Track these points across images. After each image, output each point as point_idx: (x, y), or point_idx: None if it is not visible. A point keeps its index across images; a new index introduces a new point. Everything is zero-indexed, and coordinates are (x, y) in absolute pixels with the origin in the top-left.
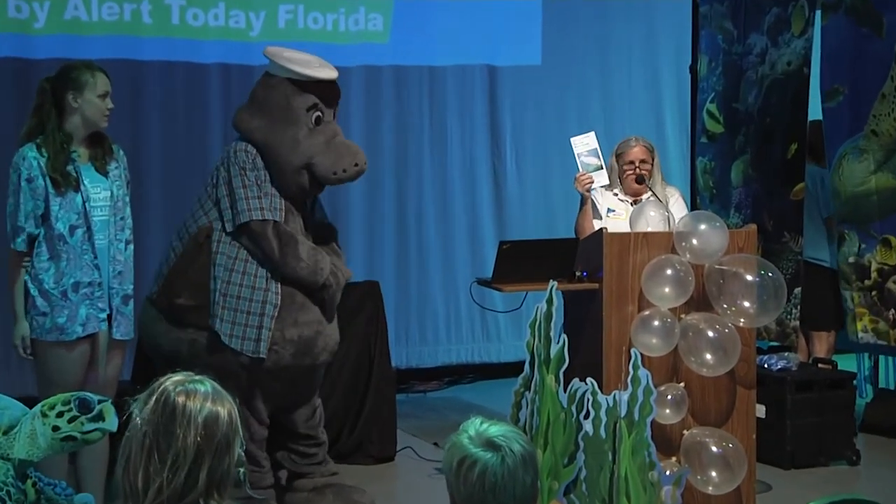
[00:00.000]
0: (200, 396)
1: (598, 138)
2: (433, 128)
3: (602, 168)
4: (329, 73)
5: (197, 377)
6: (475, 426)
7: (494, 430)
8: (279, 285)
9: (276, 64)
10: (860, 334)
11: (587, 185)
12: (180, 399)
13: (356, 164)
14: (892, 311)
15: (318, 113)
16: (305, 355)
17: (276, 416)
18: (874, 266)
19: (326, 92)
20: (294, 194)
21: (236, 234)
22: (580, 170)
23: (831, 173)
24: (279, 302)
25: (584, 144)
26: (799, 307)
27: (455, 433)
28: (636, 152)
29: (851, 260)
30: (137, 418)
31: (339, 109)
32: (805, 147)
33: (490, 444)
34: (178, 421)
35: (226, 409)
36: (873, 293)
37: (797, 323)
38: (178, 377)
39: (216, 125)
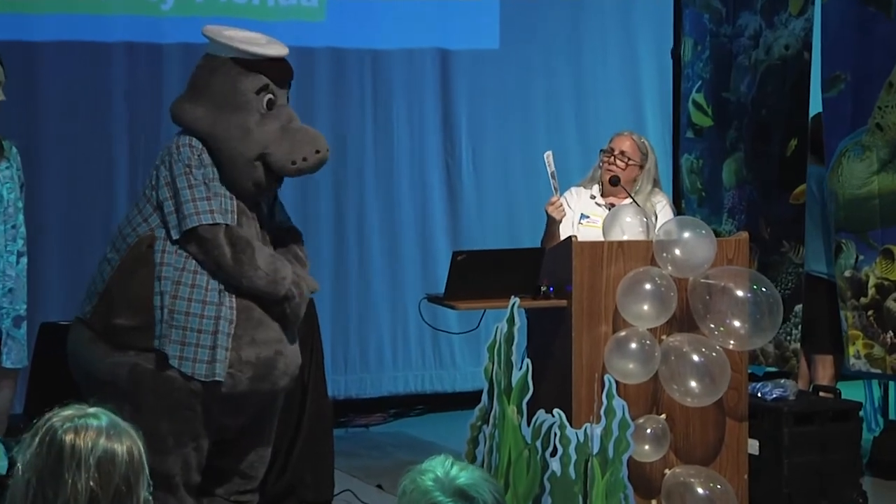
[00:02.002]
0: (93, 433)
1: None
2: (376, 121)
3: (556, 192)
4: (279, 50)
5: (91, 410)
6: (443, 467)
7: (465, 476)
8: (234, 299)
9: (217, 43)
10: (851, 360)
11: (562, 214)
12: (69, 437)
13: (317, 151)
14: (891, 333)
15: (270, 95)
16: (264, 379)
17: (220, 454)
18: (872, 281)
19: (278, 71)
20: (248, 192)
21: (183, 241)
22: (554, 192)
23: (828, 173)
24: (234, 318)
25: (552, 164)
26: (800, 327)
27: (415, 471)
28: (620, 141)
29: (847, 274)
30: (20, 463)
31: None
32: (807, 143)
33: (463, 495)
34: (66, 463)
35: (125, 446)
36: (869, 313)
37: (798, 345)
38: (67, 412)
39: (121, 114)
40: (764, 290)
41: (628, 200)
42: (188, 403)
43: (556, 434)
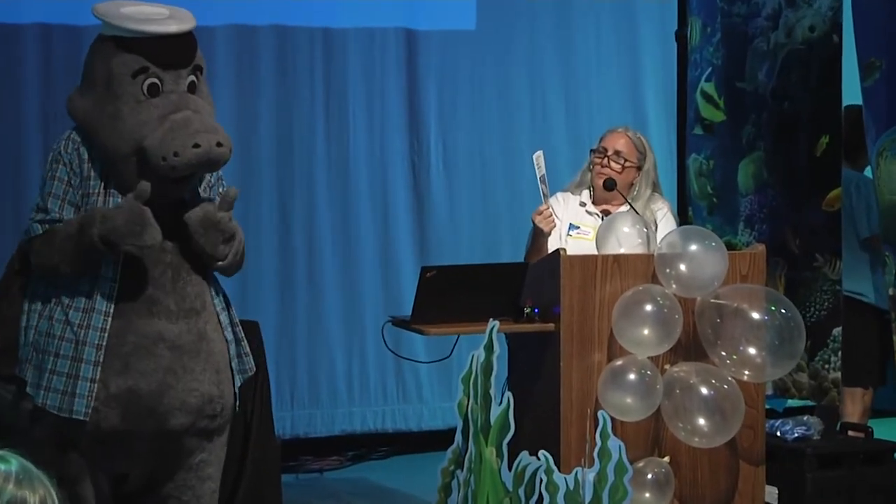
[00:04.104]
0: (0, 478)
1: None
2: (329, 112)
3: (546, 200)
4: (164, 27)
5: (0, 452)
6: None
7: None
8: (108, 320)
9: (101, 20)
10: None
11: (552, 225)
12: None
13: (196, 145)
14: None
15: (153, 80)
16: (145, 416)
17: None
18: None
19: (164, 51)
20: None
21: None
22: (543, 199)
23: (873, 176)
24: (104, 342)
25: (542, 166)
26: (840, 354)
27: None
28: (613, 138)
29: (891, 292)
30: None
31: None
32: (840, 140)
33: None
34: None
35: (37, 494)
36: None
37: (838, 374)
38: None
39: (34, 104)
40: (783, 311)
41: (625, 207)
42: (51, 440)
43: (541, 480)
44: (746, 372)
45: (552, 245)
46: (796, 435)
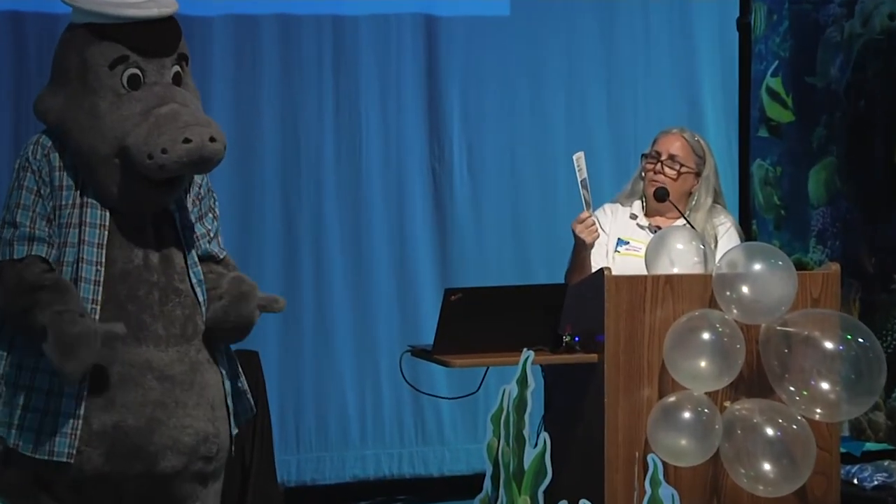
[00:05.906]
0: None
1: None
2: (339, 111)
3: (588, 207)
4: (144, 11)
5: None
6: None
7: None
8: None
9: (71, 6)
10: None
11: (595, 236)
12: None
13: (187, 140)
14: None
15: (134, 70)
16: (132, 458)
17: None
18: None
19: (145, 38)
20: (120, 202)
21: None
22: (585, 206)
23: None
24: (88, 372)
25: (583, 169)
26: None
27: None
28: (667, 141)
29: None
30: None
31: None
32: None
33: None
34: None
35: None
36: None
37: None
38: None
39: (3, 104)
40: (861, 340)
41: (681, 221)
42: (21, 486)
43: None
44: (818, 410)
45: (598, 262)
46: (875, 483)
